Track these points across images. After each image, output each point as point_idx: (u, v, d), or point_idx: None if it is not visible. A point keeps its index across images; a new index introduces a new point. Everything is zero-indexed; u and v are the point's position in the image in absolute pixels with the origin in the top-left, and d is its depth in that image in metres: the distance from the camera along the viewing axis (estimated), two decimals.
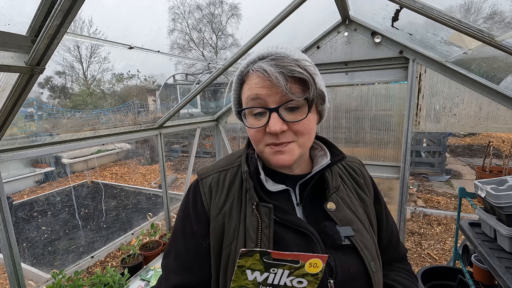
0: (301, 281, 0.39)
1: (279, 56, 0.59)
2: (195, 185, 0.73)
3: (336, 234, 0.62)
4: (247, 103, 0.63)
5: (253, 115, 0.63)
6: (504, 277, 1.21)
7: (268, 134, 0.61)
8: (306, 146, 0.66)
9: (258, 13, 4.49)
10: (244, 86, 0.65)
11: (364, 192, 0.77)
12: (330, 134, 2.69)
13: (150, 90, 15.07)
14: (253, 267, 0.38)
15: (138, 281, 2.41)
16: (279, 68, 0.56)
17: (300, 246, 0.61)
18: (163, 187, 2.80)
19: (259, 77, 0.59)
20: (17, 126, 6.06)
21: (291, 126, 0.61)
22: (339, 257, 0.61)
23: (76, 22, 2.13)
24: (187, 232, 0.68)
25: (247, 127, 0.66)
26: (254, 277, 0.38)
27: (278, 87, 0.57)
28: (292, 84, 0.58)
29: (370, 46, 2.33)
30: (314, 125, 0.66)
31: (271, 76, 0.56)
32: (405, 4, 1.45)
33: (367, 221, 0.71)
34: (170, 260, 0.69)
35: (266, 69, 0.57)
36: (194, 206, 0.70)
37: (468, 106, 2.09)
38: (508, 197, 1.35)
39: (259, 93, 0.60)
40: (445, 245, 3.66)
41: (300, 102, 0.60)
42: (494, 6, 1.50)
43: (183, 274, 0.65)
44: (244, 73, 0.64)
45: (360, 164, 0.84)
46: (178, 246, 0.69)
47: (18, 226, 4.83)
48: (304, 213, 0.67)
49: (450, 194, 5.48)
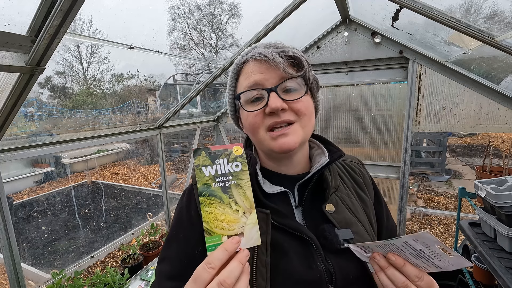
0: (237, 165, 0.51)
1: (271, 43, 0.63)
2: (189, 190, 0.71)
3: (335, 237, 0.60)
4: (245, 90, 0.63)
5: (251, 102, 0.63)
6: (504, 277, 1.21)
7: (268, 116, 0.61)
8: (308, 129, 0.65)
9: (258, 13, 4.49)
10: (240, 78, 0.66)
11: (364, 192, 0.75)
12: (330, 134, 2.69)
13: (150, 90, 15.07)
14: (204, 163, 0.49)
15: (138, 281, 2.41)
16: (274, 49, 0.60)
17: (299, 252, 0.60)
18: (163, 187, 2.80)
19: (255, 62, 0.62)
20: (17, 126, 6.06)
21: (290, 105, 0.61)
22: (338, 262, 0.59)
23: (76, 22, 2.13)
24: (180, 239, 0.67)
25: (246, 113, 0.64)
26: (209, 172, 0.49)
27: (274, 68, 0.59)
28: (287, 63, 0.60)
29: (370, 46, 2.33)
30: (313, 110, 0.66)
31: (267, 56, 0.58)
32: (405, 4, 1.45)
33: (367, 222, 0.69)
34: (163, 266, 0.67)
35: (262, 51, 0.59)
36: (188, 212, 0.68)
37: (468, 106, 2.09)
38: (508, 197, 1.35)
39: (256, 79, 0.61)
40: (445, 245, 3.66)
41: (297, 83, 0.62)
42: (494, 6, 1.50)
43: (175, 281, 0.63)
44: (240, 65, 0.65)
45: (359, 164, 0.83)
46: (171, 252, 0.67)
47: (18, 226, 4.83)
48: (303, 216, 0.65)
49: (450, 194, 5.48)
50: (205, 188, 0.49)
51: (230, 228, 0.48)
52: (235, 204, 0.49)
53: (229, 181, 0.50)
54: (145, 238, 3.19)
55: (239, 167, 0.51)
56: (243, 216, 0.49)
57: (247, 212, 0.49)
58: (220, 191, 0.49)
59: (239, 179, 0.50)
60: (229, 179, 0.50)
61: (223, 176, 0.50)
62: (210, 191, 0.49)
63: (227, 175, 0.50)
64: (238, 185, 0.50)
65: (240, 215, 0.49)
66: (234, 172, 0.50)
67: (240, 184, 0.50)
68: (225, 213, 0.49)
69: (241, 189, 0.50)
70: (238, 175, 0.51)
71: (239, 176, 0.51)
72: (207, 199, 0.49)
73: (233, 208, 0.49)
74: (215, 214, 0.48)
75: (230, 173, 0.50)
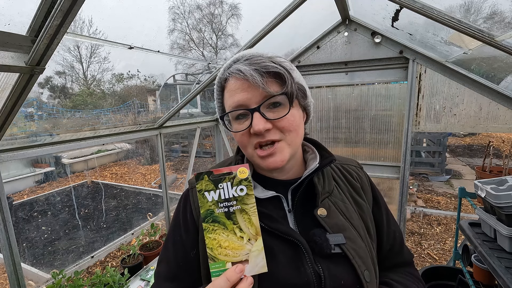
0: (242, 189, 0.48)
1: (252, 56, 0.61)
2: (186, 194, 0.73)
3: (325, 242, 0.59)
4: (229, 111, 0.63)
5: (237, 119, 0.63)
6: (504, 277, 1.21)
7: (254, 135, 0.61)
8: (295, 144, 0.64)
9: (258, 13, 4.50)
10: (225, 93, 0.65)
11: (360, 196, 0.73)
12: (330, 134, 2.69)
13: (150, 90, 15.08)
14: (207, 188, 0.48)
15: (138, 281, 2.41)
16: (253, 66, 0.58)
17: (288, 256, 0.60)
18: (163, 187, 2.81)
19: (236, 79, 0.60)
20: (17, 126, 6.07)
21: (275, 124, 0.60)
22: (328, 266, 0.58)
23: (76, 22, 2.13)
24: (176, 241, 0.69)
25: (233, 133, 0.65)
26: (212, 197, 0.48)
27: (255, 86, 0.57)
28: (268, 79, 0.58)
29: (370, 46, 2.33)
30: (300, 121, 0.65)
31: (246, 74, 0.57)
32: (405, 4, 1.45)
33: (362, 228, 0.67)
34: (161, 267, 0.69)
35: (241, 69, 0.58)
36: (184, 215, 0.70)
37: (468, 106, 2.09)
38: (508, 197, 1.35)
39: (239, 99, 0.60)
40: (445, 245, 3.66)
41: (281, 98, 0.60)
42: (494, 6, 1.50)
43: (173, 282, 0.66)
44: (222, 79, 0.65)
45: (357, 167, 0.81)
46: (168, 254, 0.69)
47: (18, 226, 4.83)
48: (295, 221, 0.65)
49: (450, 194, 5.48)
50: (208, 214, 0.48)
51: (234, 255, 0.47)
52: (240, 230, 0.48)
53: (233, 206, 0.48)
54: (145, 238, 3.19)
55: (244, 191, 0.49)
56: (247, 243, 0.48)
57: (252, 239, 0.48)
58: (224, 217, 0.48)
59: (244, 204, 0.49)
60: (233, 204, 0.48)
61: (227, 201, 0.48)
62: (213, 217, 0.48)
63: (231, 200, 0.49)
64: (243, 210, 0.49)
65: (244, 242, 0.48)
66: (239, 197, 0.49)
67: (245, 210, 0.48)
68: (229, 240, 0.47)
69: (246, 215, 0.48)
70: (243, 199, 0.49)
71: (244, 201, 0.49)
72: (210, 226, 0.48)
73: (237, 235, 0.48)
74: (219, 240, 0.47)
75: (234, 197, 0.49)
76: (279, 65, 0.59)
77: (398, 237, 0.77)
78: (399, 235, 0.78)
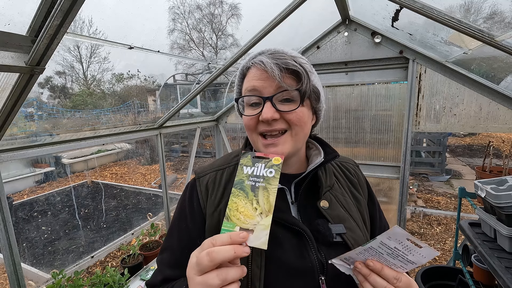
0: (271, 171, 0.57)
1: (277, 51, 0.65)
2: (192, 184, 0.76)
3: (328, 231, 0.64)
4: (245, 94, 0.68)
5: (250, 105, 0.67)
6: (504, 277, 1.21)
7: (261, 122, 0.65)
8: (299, 138, 0.68)
9: (258, 13, 4.49)
10: (245, 79, 0.69)
11: (358, 191, 0.79)
12: (330, 134, 2.69)
13: (150, 90, 15.07)
14: (247, 163, 0.58)
15: (138, 281, 2.41)
16: (275, 60, 0.62)
17: (292, 244, 0.64)
18: (163, 187, 2.80)
19: (257, 69, 0.65)
20: (17, 126, 6.07)
21: (283, 115, 0.64)
22: (330, 254, 0.62)
23: (76, 22, 2.13)
24: (182, 229, 0.71)
25: (243, 117, 0.69)
26: (247, 171, 0.58)
27: (272, 78, 0.61)
28: (286, 75, 0.62)
29: (370, 46, 2.33)
30: (307, 119, 0.68)
31: (266, 66, 0.61)
32: (405, 4, 1.45)
33: (360, 220, 0.73)
34: (165, 255, 0.71)
35: (263, 60, 0.62)
36: (190, 204, 0.72)
37: (468, 106, 2.09)
38: (508, 197, 1.35)
39: (255, 84, 0.64)
40: (445, 245, 3.66)
41: (294, 94, 0.64)
42: (494, 6, 1.50)
43: (176, 270, 0.67)
44: (245, 67, 0.69)
45: (354, 165, 0.87)
46: (173, 242, 0.71)
47: (18, 226, 4.83)
48: (298, 211, 0.69)
49: (450, 194, 5.48)
50: (239, 182, 0.57)
51: (244, 221, 0.53)
52: (256, 203, 0.55)
53: (260, 183, 0.56)
54: (145, 238, 3.19)
55: (272, 174, 0.57)
56: (258, 216, 0.53)
57: (264, 214, 0.53)
58: (249, 188, 0.56)
59: (268, 184, 0.56)
60: (260, 181, 0.56)
61: (256, 177, 0.57)
62: (241, 186, 0.56)
63: (260, 178, 0.57)
64: (266, 188, 0.55)
65: (257, 213, 0.54)
66: (267, 177, 0.56)
67: (268, 188, 0.55)
68: (245, 207, 0.54)
69: (267, 192, 0.55)
70: (269, 180, 0.56)
71: (269, 181, 0.56)
72: (237, 191, 0.56)
73: (253, 205, 0.54)
74: (238, 205, 0.55)
75: (263, 176, 0.57)
76: (299, 65, 0.63)
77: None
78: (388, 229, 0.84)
